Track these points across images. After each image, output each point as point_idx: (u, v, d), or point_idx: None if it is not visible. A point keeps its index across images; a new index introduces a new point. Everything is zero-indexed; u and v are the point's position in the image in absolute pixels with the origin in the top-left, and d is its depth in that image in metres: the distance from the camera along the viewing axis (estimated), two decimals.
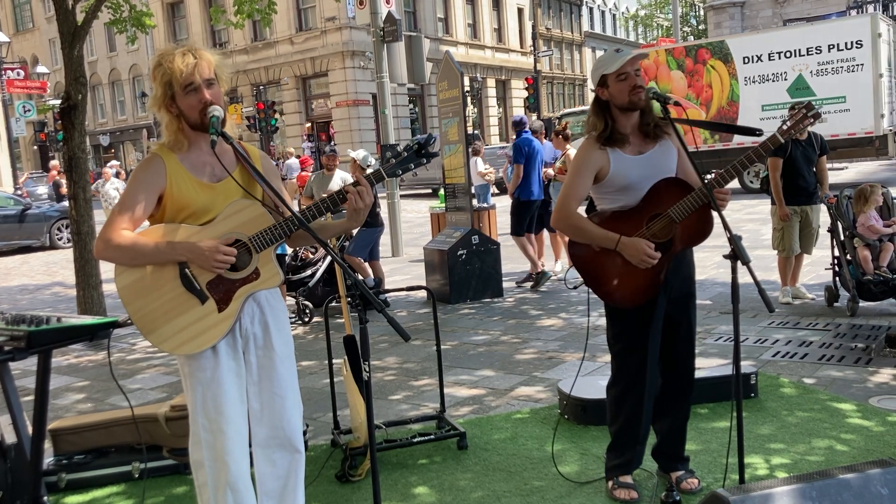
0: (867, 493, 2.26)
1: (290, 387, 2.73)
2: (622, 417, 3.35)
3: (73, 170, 7.47)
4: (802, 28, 17.17)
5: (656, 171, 3.14)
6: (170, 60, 2.50)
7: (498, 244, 8.50)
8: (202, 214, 2.56)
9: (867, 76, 15.28)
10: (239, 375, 2.65)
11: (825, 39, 15.80)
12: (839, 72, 15.64)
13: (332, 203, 2.55)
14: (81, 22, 7.55)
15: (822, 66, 15.82)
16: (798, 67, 15.98)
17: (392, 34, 11.85)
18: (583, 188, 3.21)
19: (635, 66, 3.10)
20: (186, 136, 2.58)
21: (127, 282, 2.54)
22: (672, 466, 3.40)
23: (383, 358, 6.04)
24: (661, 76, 17.98)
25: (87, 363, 6.57)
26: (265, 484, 2.74)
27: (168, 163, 2.56)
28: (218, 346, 2.57)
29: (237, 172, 2.61)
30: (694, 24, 49.25)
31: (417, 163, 2.56)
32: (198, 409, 2.60)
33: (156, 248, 2.49)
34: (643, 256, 3.04)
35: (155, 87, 2.55)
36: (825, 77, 15.80)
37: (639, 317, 3.22)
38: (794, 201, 6.72)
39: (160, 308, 2.51)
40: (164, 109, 2.56)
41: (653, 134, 3.19)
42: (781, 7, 31.37)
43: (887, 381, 4.66)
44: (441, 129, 9.08)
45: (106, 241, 2.51)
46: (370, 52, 22.39)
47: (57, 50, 33.80)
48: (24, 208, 17.36)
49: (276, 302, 2.74)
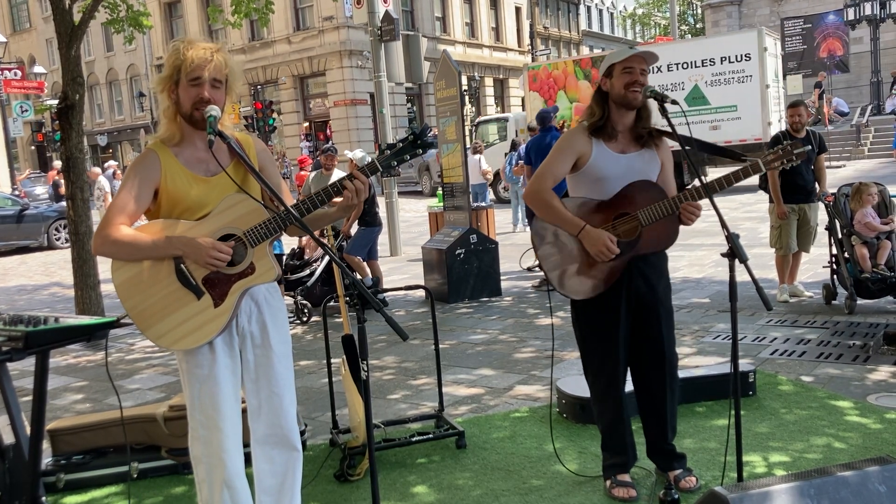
0: (865, 490, 2.26)
1: (287, 385, 2.74)
2: (605, 417, 3.40)
3: (70, 170, 7.46)
4: (698, 41, 18.89)
5: (634, 174, 3.17)
6: (187, 48, 2.51)
7: (496, 243, 8.50)
8: (197, 209, 2.56)
9: (755, 87, 16.40)
10: (234, 373, 2.66)
11: (718, 52, 16.97)
12: (731, 82, 16.80)
13: (326, 197, 2.54)
14: (78, 22, 7.54)
15: (715, 76, 16.97)
16: (694, 78, 17.14)
17: (390, 33, 11.85)
18: (561, 168, 3.24)
19: (643, 65, 3.12)
20: (179, 128, 2.59)
21: (124, 278, 2.54)
22: (669, 465, 3.40)
23: (382, 357, 6.04)
24: (569, 85, 19.16)
25: (86, 363, 6.57)
26: (263, 481, 2.76)
27: (162, 157, 2.56)
28: (215, 343, 2.58)
29: (232, 167, 2.61)
30: (691, 23, 49.24)
31: (413, 154, 2.55)
32: (195, 405, 2.61)
33: (153, 244, 2.50)
34: (602, 248, 3.08)
35: (165, 67, 2.56)
36: (718, 87, 16.99)
37: (603, 318, 3.25)
38: (791, 200, 6.73)
39: (157, 304, 2.52)
40: (167, 92, 2.56)
41: (643, 140, 3.21)
42: (779, 5, 31.39)
43: (885, 379, 4.67)
44: (439, 128, 9.07)
45: (104, 236, 2.51)
46: (368, 52, 22.35)
47: (54, 50, 33.72)
48: (21, 208, 17.34)
49: (274, 300, 2.74)
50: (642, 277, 3.23)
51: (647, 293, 3.25)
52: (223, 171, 2.57)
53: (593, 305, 3.27)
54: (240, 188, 2.58)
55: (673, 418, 3.40)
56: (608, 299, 3.22)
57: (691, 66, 17.14)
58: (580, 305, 3.33)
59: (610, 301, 3.23)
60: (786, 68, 30.81)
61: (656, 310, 3.27)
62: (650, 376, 3.35)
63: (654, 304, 3.26)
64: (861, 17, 25.41)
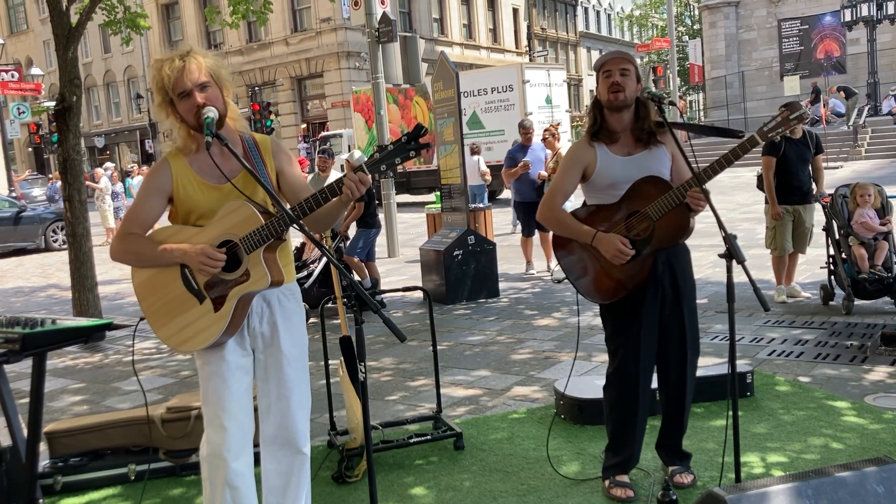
0: (863, 491, 2.26)
1: (296, 388, 2.75)
2: (618, 418, 3.38)
3: (67, 172, 7.45)
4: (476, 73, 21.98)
5: (643, 173, 3.16)
6: (159, 67, 2.55)
7: (494, 244, 8.51)
8: (211, 215, 2.60)
9: (517, 114, 18.45)
10: (247, 372, 2.70)
11: (489, 83, 19.87)
12: (499, 110, 19.71)
13: (323, 198, 2.54)
14: (76, 23, 7.53)
15: (488, 104, 19.91)
16: (473, 105, 19.94)
17: (387, 35, 11.84)
18: (569, 184, 3.29)
19: (620, 66, 3.13)
20: (195, 140, 2.64)
21: (142, 278, 2.66)
22: (672, 461, 3.45)
23: (379, 359, 6.03)
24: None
25: (83, 365, 6.56)
26: (269, 480, 2.79)
27: (174, 166, 2.64)
28: (226, 342, 2.63)
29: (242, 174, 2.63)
30: (689, 24, 49.28)
31: (405, 156, 2.53)
32: (205, 402, 2.68)
33: (154, 252, 2.60)
34: (615, 252, 3.10)
35: (155, 95, 2.62)
36: (490, 114, 19.85)
37: (629, 317, 3.25)
38: (787, 200, 6.71)
39: (167, 305, 2.61)
40: (172, 116, 2.61)
41: (645, 139, 3.20)
42: (776, 6, 31.41)
43: (883, 379, 4.67)
44: (437, 129, 9.08)
45: (117, 244, 2.66)
46: (365, 53, 22.36)
47: (51, 51, 33.70)
48: (19, 210, 17.32)
49: (289, 302, 2.76)
50: (669, 270, 3.24)
51: (672, 288, 3.25)
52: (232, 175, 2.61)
53: (623, 306, 3.26)
54: (245, 196, 2.59)
55: (687, 417, 3.43)
56: (635, 299, 3.23)
57: (471, 94, 19.61)
58: (609, 308, 3.33)
59: (637, 301, 3.23)
60: (783, 69, 30.97)
61: (680, 309, 3.28)
62: (673, 375, 3.36)
63: (678, 302, 3.27)
64: (858, 18, 25.43)
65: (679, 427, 3.43)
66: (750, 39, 32.24)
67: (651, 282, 3.21)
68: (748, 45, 32.24)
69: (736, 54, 32.36)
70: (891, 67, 28.44)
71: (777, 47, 31.67)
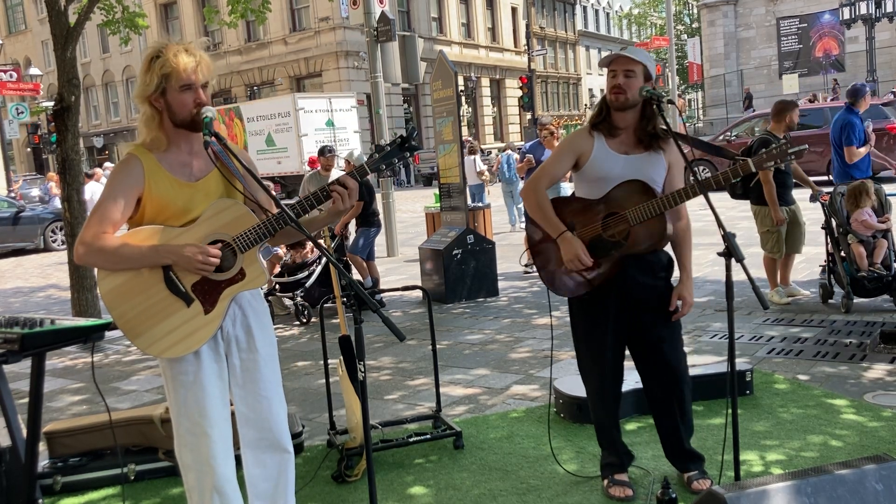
0: (862, 488, 2.26)
1: (274, 388, 2.72)
2: (596, 415, 3.45)
3: (66, 172, 7.45)
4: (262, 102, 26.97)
5: (636, 175, 3.14)
6: (173, 54, 2.44)
7: (493, 243, 8.50)
8: (182, 214, 2.52)
9: (293, 135, 23.66)
10: (221, 378, 2.63)
11: (276, 109, 24.41)
12: (283, 131, 24.12)
13: (315, 201, 2.53)
14: (74, 23, 7.53)
15: (277, 126, 24.29)
16: (268, 128, 24.58)
17: (386, 34, 11.84)
18: (559, 169, 3.30)
19: (625, 67, 3.10)
20: (166, 134, 2.54)
21: (112, 286, 2.48)
22: (684, 466, 3.39)
23: (379, 358, 6.04)
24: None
25: (83, 366, 6.55)
26: (256, 486, 2.73)
27: (146, 163, 2.51)
28: (200, 348, 2.54)
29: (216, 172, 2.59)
30: (687, 23, 49.29)
31: (401, 157, 2.56)
32: (181, 412, 2.58)
33: (139, 252, 2.45)
34: (573, 258, 3.12)
35: (148, 78, 2.47)
36: (279, 134, 24.25)
37: (592, 318, 3.27)
38: (785, 202, 6.69)
39: (146, 312, 2.47)
40: (149, 102, 2.50)
41: (647, 142, 3.17)
42: (775, 5, 31.42)
43: (882, 377, 4.67)
44: (435, 128, 9.07)
45: (87, 245, 2.44)
46: (364, 52, 22.34)
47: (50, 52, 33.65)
48: (17, 211, 17.31)
49: (257, 304, 2.72)
50: (635, 278, 3.19)
51: (641, 294, 3.22)
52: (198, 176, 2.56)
53: (586, 305, 3.28)
54: (227, 191, 2.57)
55: (686, 420, 3.37)
56: (599, 299, 3.23)
57: (267, 118, 24.54)
58: (575, 305, 3.35)
59: (600, 301, 3.23)
60: (782, 68, 30.98)
61: (653, 312, 3.24)
62: (653, 382, 3.35)
63: (650, 306, 3.23)
64: (856, 16, 25.44)
65: (675, 431, 3.37)
66: (748, 38, 32.27)
67: (617, 284, 3.18)
68: (747, 44, 32.27)
69: (735, 53, 32.38)
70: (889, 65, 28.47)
71: (776, 46, 31.69)
